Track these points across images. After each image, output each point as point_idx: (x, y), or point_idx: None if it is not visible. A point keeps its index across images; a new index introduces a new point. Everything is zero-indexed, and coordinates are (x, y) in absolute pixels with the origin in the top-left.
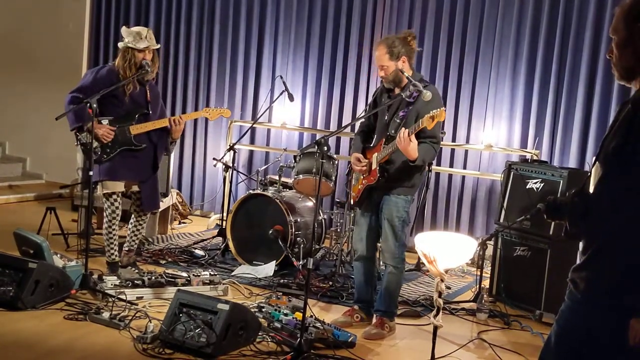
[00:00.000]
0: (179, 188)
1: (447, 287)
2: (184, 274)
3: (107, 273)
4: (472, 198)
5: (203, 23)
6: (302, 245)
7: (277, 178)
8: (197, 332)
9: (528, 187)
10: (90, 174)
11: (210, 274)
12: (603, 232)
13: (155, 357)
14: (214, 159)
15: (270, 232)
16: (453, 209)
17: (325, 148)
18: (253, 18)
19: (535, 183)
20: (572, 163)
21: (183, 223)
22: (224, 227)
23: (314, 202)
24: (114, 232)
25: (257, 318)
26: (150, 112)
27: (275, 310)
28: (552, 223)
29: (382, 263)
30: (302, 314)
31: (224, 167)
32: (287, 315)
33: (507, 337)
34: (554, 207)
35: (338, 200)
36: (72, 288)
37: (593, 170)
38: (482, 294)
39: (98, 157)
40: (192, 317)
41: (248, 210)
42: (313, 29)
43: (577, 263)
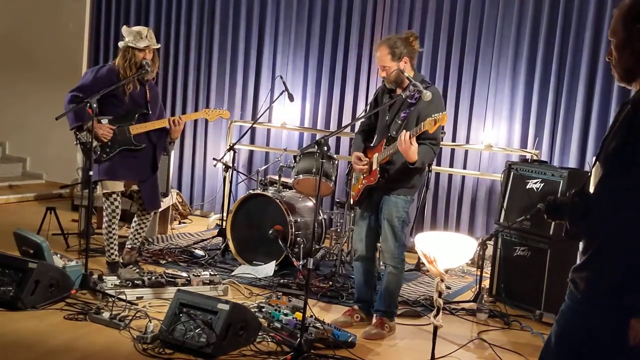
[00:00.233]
0: (179, 188)
1: (447, 287)
2: (184, 274)
3: (107, 273)
4: (472, 198)
5: (203, 23)
6: (302, 245)
7: (277, 178)
8: (197, 332)
9: (528, 187)
10: (91, 174)
11: (210, 274)
12: (603, 232)
13: (156, 357)
14: (214, 159)
15: (271, 232)
16: (453, 209)
17: (325, 148)
18: (253, 18)
19: (535, 183)
20: (572, 163)
21: (183, 223)
22: (224, 227)
23: (314, 202)
24: (114, 231)
25: (257, 318)
26: (150, 112)
27: (275, 310)
28: (552, 223)
29: (382, 263)
30: (302, 314)
31: (224, 167)
32: (287, 315)
33: (507, 337)
34: (554, 207)
35: (338, 200)
36: (72, 288)
37: (593, 171)
38: (482, 294)
39: (97, 156)
40: (192, 317)
41: (248, 210)
42: (313, 29)
43: (577, 263)
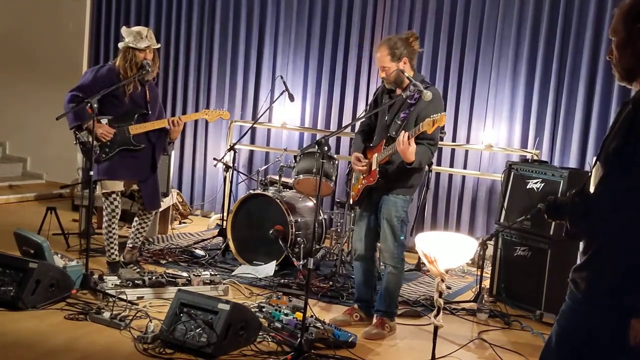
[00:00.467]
0: (180, 188)
1: (447, 287)
2: (185, 274)
3: (107, 273)
4: (472, 198)
5: (203, 23)
6: (302, 245)
7: (277, 178)
8: (197, 332)
9: (528, 187)
10: (91, 174)
11: (211, 274)
12: (603, 232)
13: (156, 357)
14: (215, 159)
15: (271, 232)
16: (453, 209)
17: (326, 148)
18: (253, 18)
19: (536, 183)
20: (572, 163)
21: (183, 223)
22: (225, 227)
23: (314, 202)
24: (114, 231)
25: (257, 318)
26: (150, 112)
27: (276, 310)
28: (552, 223)
29: (381, 263)
30: (302, 314)
31: (225, 167)
32: (287, 315)
33: (507, 337)
34: (555, 207)
35: (338, 200)
36: (72, 288)
37: (594, 171)
38: (482, 294)
39: (97, 156)
40: (192, 317)
41: (248, 210)
42: (313, 30)
43: (577, 263)
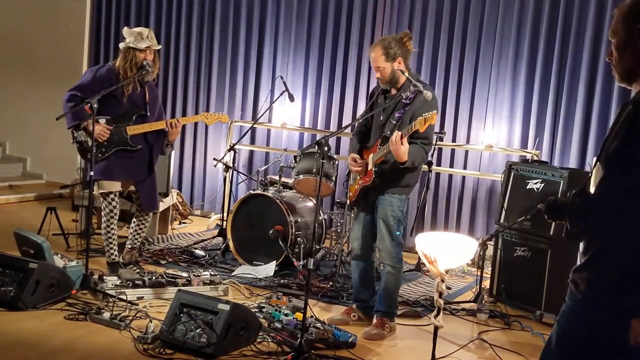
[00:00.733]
0: (179, 188)
1: (447, 287)
2: (185, 274)
3: (107, 273)
4: (472, 198)
5: (203, 24)
6: (302, 246)
7: (277, 178)
8: (197, 332)
9: (528, 187)
10: (91, 174)
11: (211, 274)
12: (603, 232)
13: (156, 357)
14: (215, 159)
15: (271, 232)
16: (453, 209)
17: (326, 148)
18: (253, 18)
19: (536, 183)
20: (572, 163)
21: (183, 223)
22: (224, 227)
23: (314, 202)
24: (113, 231)
25: (257, 318)
26: (148, 113)
27: (276, 311)
28: (552, 224)
29: (380, 263)
30: (302, 314)
31: (225, 167)
32: (287, 316)
33: (507, 337)
34: (555, 207)
35: (338, 201)
36: (72, 288)
37: (594, 171)
38: (482, 295)
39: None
40: (192, 317)
41: (248, 211)
42: (313, 30)
43: (577, 264)
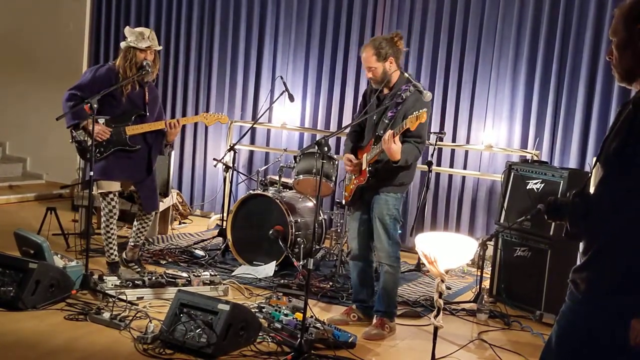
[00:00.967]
0: (179, 188)
1: (447, 287)
2: (185, 274)
3: (107, 273)
4: (472, 198)
5: (203, 24)
6: (302, 246)
7: (277, 178)
8: (197, 332)
9: (528, 187)
10: (91, 174)
11: (211, 274)
12: (603, 233)
13: (156, 357)
14: (215, 159)
15: (271, 232)
16: (453, 210)
17: (326, 148)
18: (253, 19)
19: (536, 183)
20: (572, 163)
21: (183, 223)
22: (224, 227)
23: (314, 202)
24: (112, 231)
25: (257, 318)
26: (148, 113)
27: (276, 311)
28: (552, 224)
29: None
30: (302, 315)
31: (224, 167)
32: (287, 316)
33: (507, 337)
34: (555, 207)
35: (338, 201)
36: (72, 288)
37: (594, 171)
38: (482, 295)
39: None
40: (192, 317)
41: (248, 211)
42: (313, 30)
43: (577, 264)
